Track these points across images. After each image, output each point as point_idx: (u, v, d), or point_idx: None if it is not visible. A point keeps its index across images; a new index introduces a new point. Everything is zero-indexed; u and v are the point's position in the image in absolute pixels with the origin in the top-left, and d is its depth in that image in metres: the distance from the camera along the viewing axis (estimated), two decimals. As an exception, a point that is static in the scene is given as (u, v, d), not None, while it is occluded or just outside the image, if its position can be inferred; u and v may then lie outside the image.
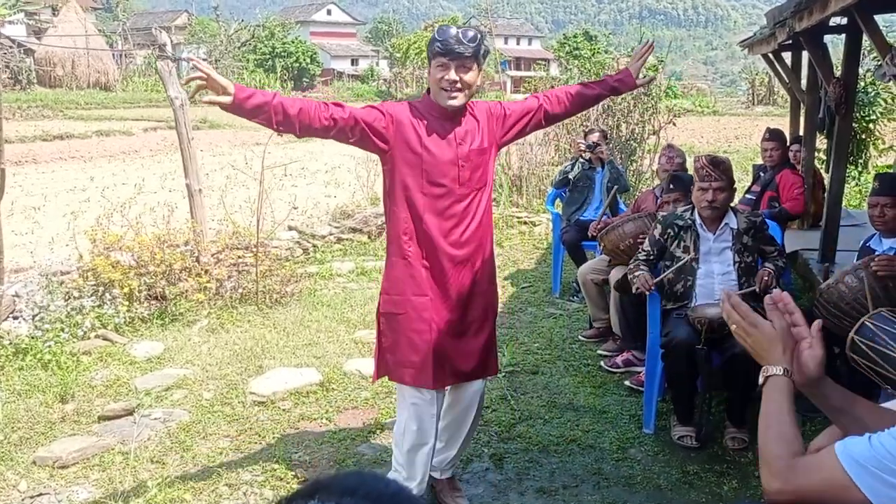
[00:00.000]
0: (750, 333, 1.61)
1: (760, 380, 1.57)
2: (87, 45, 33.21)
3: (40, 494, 3.20)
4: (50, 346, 4.63)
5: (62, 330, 4.83)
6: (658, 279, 3.83)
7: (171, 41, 6.79)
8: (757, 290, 3.70)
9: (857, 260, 3.78)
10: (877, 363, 2.78)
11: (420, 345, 2.86)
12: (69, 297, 5.13)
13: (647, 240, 4.04)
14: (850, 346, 2.87)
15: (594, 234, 5.40)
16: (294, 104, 2.62)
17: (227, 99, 2.49)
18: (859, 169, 10.20)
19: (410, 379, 2.90)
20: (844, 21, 5.70)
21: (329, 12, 67.92)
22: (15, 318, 4.92)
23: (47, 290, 5.08)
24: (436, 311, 2.86)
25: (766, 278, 3.69)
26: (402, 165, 2.78)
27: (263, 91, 2.66)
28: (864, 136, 10.12)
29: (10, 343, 4.63)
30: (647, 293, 3.81)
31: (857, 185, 10.12)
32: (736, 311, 1.64)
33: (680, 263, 3.78)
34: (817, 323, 1.63)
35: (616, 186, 5.92)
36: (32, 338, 4.70)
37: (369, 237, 8.03)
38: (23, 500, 3.18)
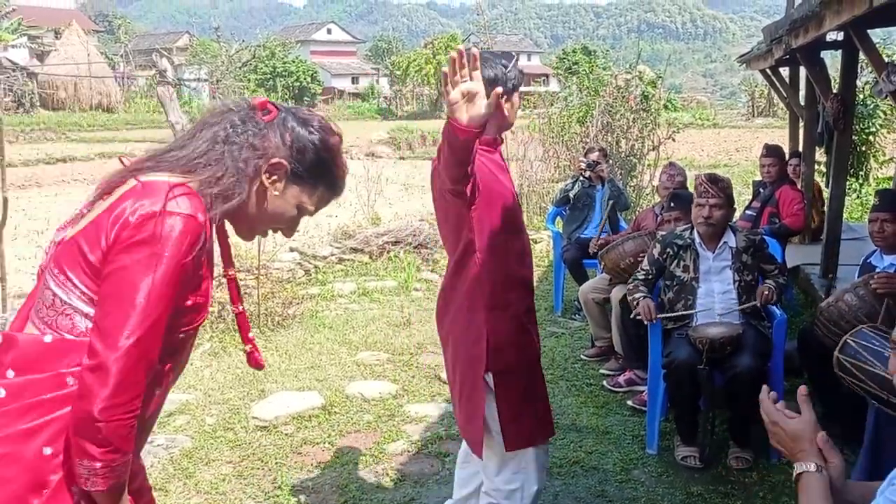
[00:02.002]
0: (775, 432, 1.58)
1: (794, 476, 1.53)
2: (90, 67, 33.44)
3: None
4: (53, 373, 4.62)
5: (65, 356, 4.83)
6: (663, 316, 3.81)
7: (172, 64, 6.85)
8: (758, 304, 3.70)
9: (858, 276, 3.79)
10: (861, 380, 2.79)
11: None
12: (72, 323, 5.13)
13: (646, 259, 4.04)
14: (836, 364, 2.87)
15: (594, 250, 5.41)
16: None
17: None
18: (860, 181, 10.20)
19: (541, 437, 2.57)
20: (841, 37, 5.74)
21: (329, 31, 68.37)
22: (18, 344, 4.92)
23: (50, 317, 5.09)
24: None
25: (766, 293, 3.69)
26: None
27: None
28: (864, 149, 10.13)
29: (13, 370, 4.63)
30: (648, 323, 3.78)
31: (857, 197, 10.13)
32: (763, 411, 1.61)
33: (688, 313, 3.77)
34: (822, 434, 1.58)
35: (613, 201, 5.92)
36: (35, 364, 4.70)
37: (370, 257, 8.04)
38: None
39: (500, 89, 1.89)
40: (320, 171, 1.66)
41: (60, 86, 33.41)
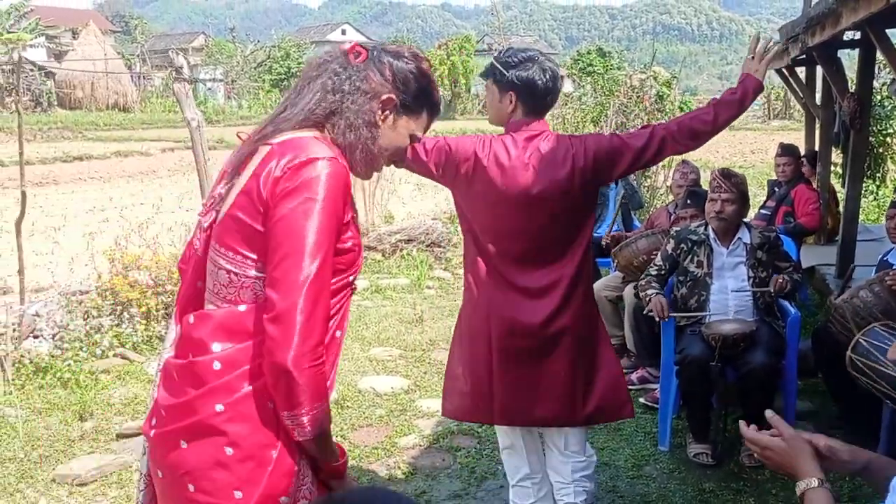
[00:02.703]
0: (768, 458, 1.55)
1: (798, 494, 1.51)
2: (107, 67, 33.70)
3: (59, 512, 3.24)
4: (69, 365, 4.68)
5: (81, 349, 4.88)
6: (676, 315, 3.81)
7: (188, 63, 6.90)
8: (772, 291, 3.68)
9: (875, 274, 3.77)
10: (872, 379, 2.78)
11: None
12: (88, 317, 5.19)
13: (659, 254, 4.04)
14: (848, 363, 2.86)
15: (606, 242, 5.38)
16: None
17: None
18: (877, 183, 10.11)
19: None
20: (858, 35, 5.70)
21: (344, 32, 68.54)
22: (35, 337, 4.98)
23: (67, 310, 5.15)
24: None
25: (780, 281, 3.66)
26: None
27: None
28: (881, 150, 10.04)
29: (31, 362, 4.69)
30: (660, 320, 3.77)
31: (875, 199, 10.04)
32: (748, 441, 1.58)
33: (700, 315, 3.76)
34: (821, 437, 1.57)
35: (625, 200, 5.91)
36: (52, 356, 4.76)
37: (383, 255, 8.06)
38: (42, 517, 3.21)
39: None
40: (423, 96, 1.74)
41: (77, 85, 33.68)
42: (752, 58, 2.58)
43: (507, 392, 2.63)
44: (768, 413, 1.59)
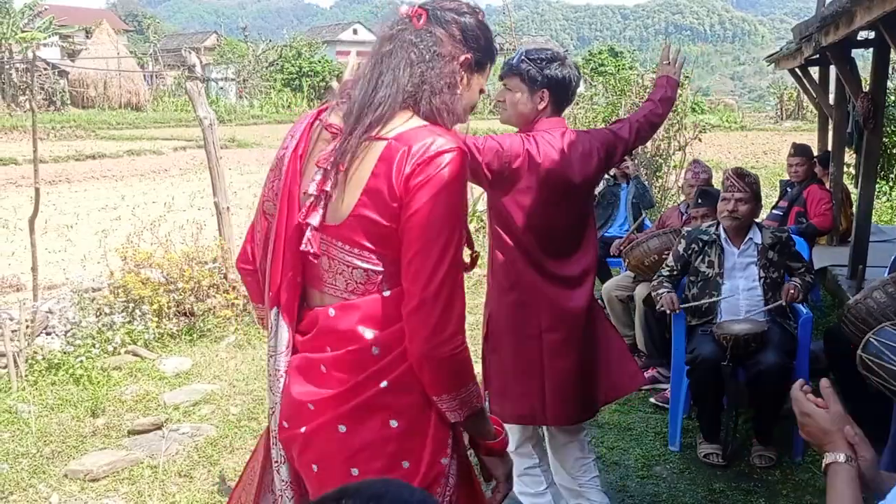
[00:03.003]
0: (806, 423, 1.58)
1: (822, 466, 1.54)
2: (119, 66, 33.88)
3: (71, 507, 3.26)
4: (81, 362, 4.71)
5: (93, 345, 4.91)
6: (686, 305, 3.81)
7: (201, 62, 6.93)
8: (783, 303, 3.67)
9: (888, 275, 3.74)
10: (884, 379, 2.75)
11: None
12: (100, 314, 5.22)
13: (671, 255, 4.02)
14: (859, 362, 2.84)
15: (617, 252, 5.38)
16: None
17: None
18: (890, 184, 10.03)
19: None
20: (872, 35, 5.66)
21: (355, 31, 68.54)
22: (48, 333, 5.02)
23: (79, 307, 5.18)
24: None
25: (791, 291, 3.66)
26: None
27: None
28: (894, 151, 9.97)
29: (44, 358, 4.72)
30: (671, 313, 3.77)
31: (888, 200, 9.97)
32: (795, 400, 1.61)
33: (711, 300, 3.75)
34: (849, 429, 1.57)
35: (636, 200, 5.89)
36: (65, 353, 4.79)
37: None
38: (54, 512, 3.23)
39: None
40: (488, 48, 1.74)
41: (90, 84, 33.87)
42: (668, 63, 2.94)
43: (556, 390, 2.71)
44: (824, 382, 1.60)
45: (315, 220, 1.59)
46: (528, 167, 2.58)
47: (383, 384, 1.57)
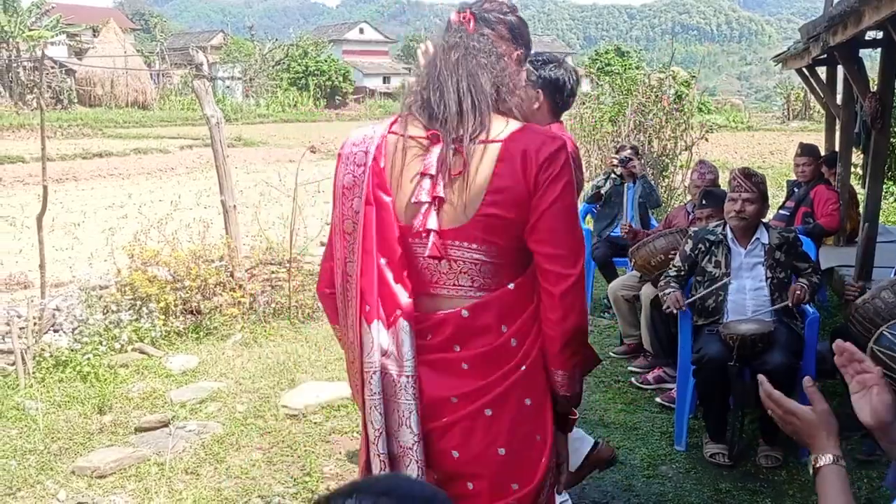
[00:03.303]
0: (788, 422, 1.56)
1: (811, 469, 1.53)
2: (126, 65, 33.97)
3: (79, 503, 3.27)
4: (89, 359, 4.73)
5: (100, 343, 4.93)
6: (690, 300, 3.81)
7: (208, 61, 6.95)
8: (790, 304, 3.67)
9: (895, 275, 3.74)
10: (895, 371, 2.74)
11: None
12: (107, 311, 5.24)
13: (677, 255, 4.02)
14: (870, 355, 2.83)
15: (624, 233, 5.34)
16: None
17: None
18: (898, 185, 10.02)
19: None
20: (880, 35, 5.65)
21: (361, 31, 68.66)
22: (55, 331, 5.04)
23: (86, 304, 5.20)
24: None
25: (798, 293, 3.65)
26: None
27: None
28: (902, 152, 9.95)
29: (51, 355, 4.74)
30: (677, 311, 3.77)
31: (895, 200, 9.95)
32: (770, 401, 1.58)
33: (716, 286, 3.75)
34: (878, 370, 1.57)
35: (643, 199, 5.89)
36: (72, 350, 4.81)
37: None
38: (62, 508, 3.25)
39: None
40: (529, 43, 1.87)
41: (98, 83, 34.01)
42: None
43: None
44: (807, 381, 1.58)
45: (434, 224, 1.68)
46: None
47: (523, 368, 1.73)
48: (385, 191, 1.71)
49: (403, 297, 1.71)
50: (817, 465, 1.50)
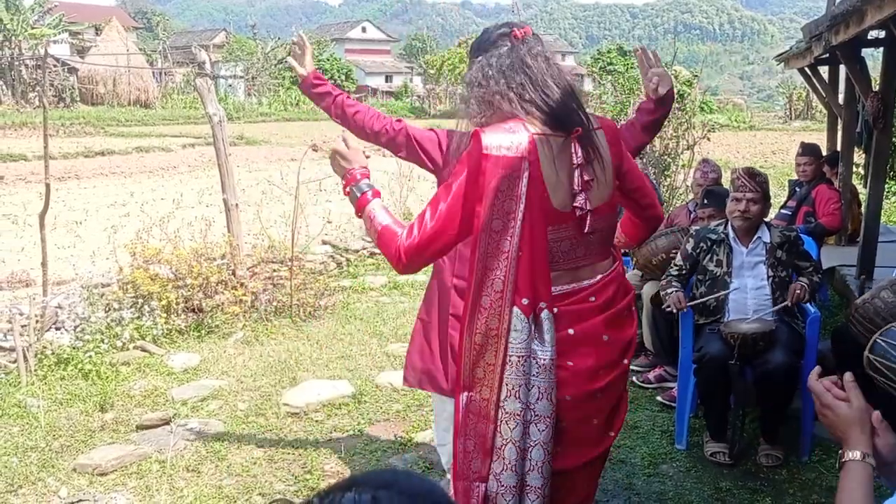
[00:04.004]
0: (825, 415, 1.58)
1: (837, 464, 1.54)
2: (129, 63, 33.99)
3: (80, 501, 3.28)
4: (90, 357, 4.74)
5: (102, 341, 4.94)
6: (693, 303, 3.80)
7: (210, 59, 6.95)
8: (789, 303, 3.66)
9: (896, 275, 3.73)
10: (891, 380, 2.74)
11: None
12: (109, 309, 5.25)
13: (679, 254, 4.02)
14: (866, 363, 2.83)
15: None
16: (354, 105, 2.93)
17: (302, 72, 2.96)
18: (900, 184, 10.00)
19: None
20: (882, 34, 5.65)
21: (364, 30, 68.66)
22: (57, 328, 5.05)
23: (88, 302, 5.21)
24: None
25: (798, 292, 3.65)
26: None
27: (334, 87, 3.00)
28: (904, 151, 9.93)
29: (53, 353, 4.75)
30: (679, 312, 3.77)
31: (897, 200, 9.94)
32: (814, 391, 1.61)
33: (720, 294, 3.75)
34: (877, 414, 1.58)
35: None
36: (74, 348, 4.82)
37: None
38: (63, 505, 3.26)
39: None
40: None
41: (100, 81, 34.03)
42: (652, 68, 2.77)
43: None
44: (848, 376, 1.60)
45: (589, 205, 2.02)
46: None
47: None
48: (542, 188, 1.96)
49: (547, 289, 2.02)
50: (844, 459, 1.51)
